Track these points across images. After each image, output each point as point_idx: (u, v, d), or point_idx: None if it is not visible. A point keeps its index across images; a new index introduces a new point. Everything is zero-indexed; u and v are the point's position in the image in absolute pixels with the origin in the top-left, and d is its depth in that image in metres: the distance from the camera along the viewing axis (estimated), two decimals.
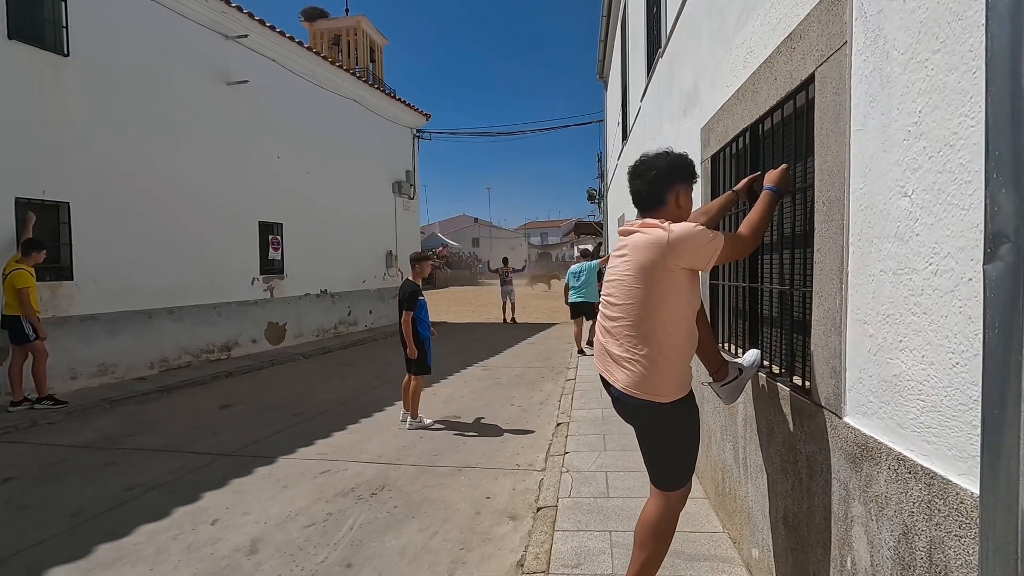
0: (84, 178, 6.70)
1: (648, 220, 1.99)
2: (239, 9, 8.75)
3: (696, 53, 3.48)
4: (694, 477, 3.42)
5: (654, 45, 5.26)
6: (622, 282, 1.98)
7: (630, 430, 2.27)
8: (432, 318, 5.66)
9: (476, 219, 58.68)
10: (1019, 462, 0.88)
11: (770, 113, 2.21)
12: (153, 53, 7.62)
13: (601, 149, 17.91)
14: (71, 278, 6.56)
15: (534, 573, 2.60)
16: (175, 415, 5.92)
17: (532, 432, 5.11)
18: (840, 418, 1.59)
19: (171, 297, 7.90)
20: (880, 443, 1.38)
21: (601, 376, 2.17)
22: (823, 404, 1.70)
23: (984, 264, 0.93)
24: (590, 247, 16.08)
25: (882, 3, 1.39)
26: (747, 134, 2.50)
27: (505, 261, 15.55)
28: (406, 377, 5.24)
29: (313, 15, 32.01)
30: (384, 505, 3.58)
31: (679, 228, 1.88)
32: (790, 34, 1.93)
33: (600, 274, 8.21)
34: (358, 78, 12.62)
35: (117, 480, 4.08)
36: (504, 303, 14.57)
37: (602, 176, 18.76)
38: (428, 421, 5.31)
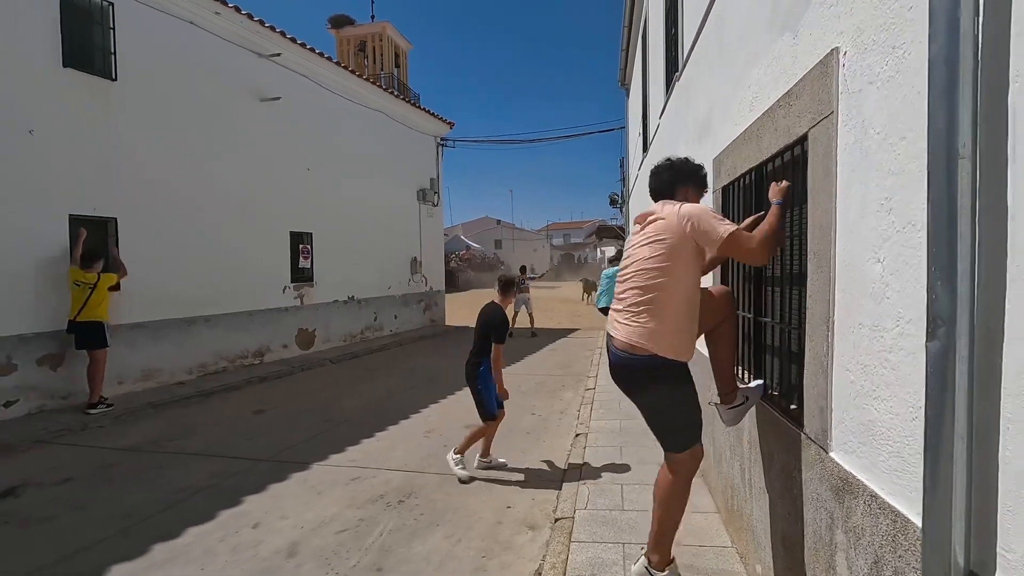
0: (130, 194, 7.11)
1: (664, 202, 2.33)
2: (272, 29, 9.13)
3: (709, 84, 3.62)
4: (709, 495, 3.57)
5: (672, 66, 5.39)
6: (635, 256, 2.29)
7: (646, 442, 2.49)
8: (454, 322, 5.85)
9: (499, 221, 58.98)
10: (950, 512, 1.05)
11: (773, 158, 2.35)
12: (192, 73, 8.03)
13: (623, 154, 17.96)
14: (118, 288, 6.97)
15: None
16: (214, 420, 6.26)
17: (551, 443, 5.29)
18: (827, 452, 1.75)
19: (209, 305, 8.30)
20: (858, 479, 1.54)
21: (607, 345, 2.40)
22: (813, 438, 1.86)
23: (926, 341, 1.09)
24: (614, 252, 16.10)
25: (862, 83, 1.54)
26: (753, 173, 2.65)
27: (523, 269, 15.13)
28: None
29: (339, 22, 32.72)
30: (411, 512, 3.81)
31: (690, 204, 2.26)
32: (788, 91, 2.08)
33: None
34: (384, 89, 12.96)
35: (164, 483, 4.39)
36: (516, 313, 13.03)
37: (624, 180, 18.82)
38: (463, 472, 4.36)
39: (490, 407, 4.34)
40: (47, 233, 6.29)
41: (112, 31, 6.92)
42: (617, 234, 24.65)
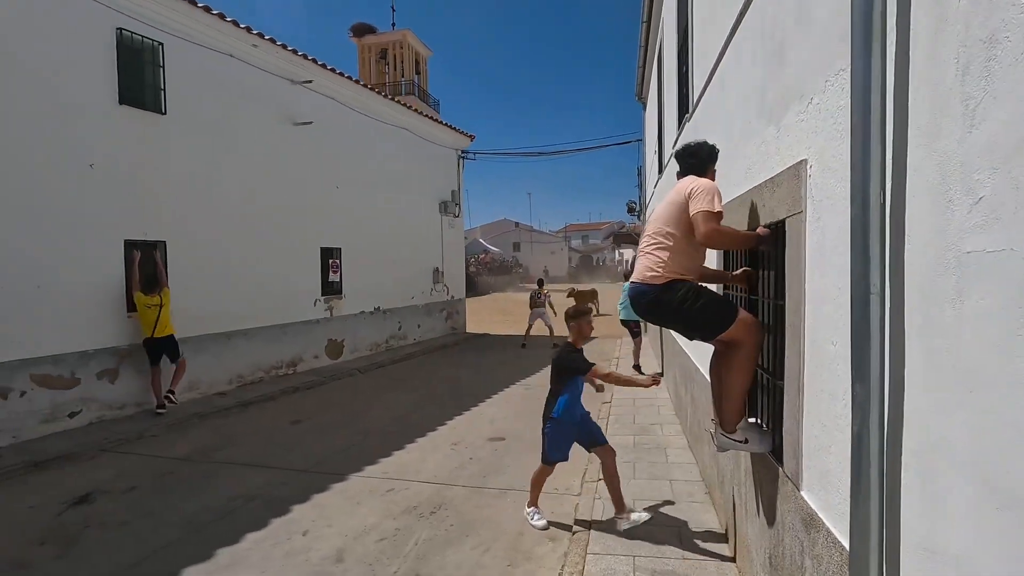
0: (176, 218, 7.66)
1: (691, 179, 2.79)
2: (304, 56, 9.66)
3: (714, 137, 3.97)
4: (714, 511, 3.91)
5: (684, 104, 5.73)
6: (654, 216, 2.83)
7: (658, 459, 2.87)
8: (474, 328, 6.18)
9: (517, 223, 59.46)
10: (867, 552, 1.42)
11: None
12: (232, 103, 8.58)
13: (640, 163, 18.21)
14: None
15: None
16: (254, 430, 6.76)
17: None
18: (799, 490, 2.10)
19: (245, 319, 8.85)
20: (818, 516, 1.90)
21: (633, 290, 2.85)
22: (789, 476, 2.22)
23: (851, 423, 1.46)
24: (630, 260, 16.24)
25: (822, 195, 1.90)
26: None
27: (540, 283, 14.24)
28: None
29: (361, 31, 33.48)
30: (443, 523, 4.23)
31: (706, 180, 2.73)
32: (772, 178, 2.43)
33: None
34: (407, 106, 13.44)
35: (219, 492, 4.87)
36: (531, 325, 13.15)
37: (641, 187, 19.07)
38: (540, 523, 4.11)
39: (551, 453, 4.03)
40: (105, 257, 6.86)
41: (162, 69, 7.48)
42: (634, 240, 24.92)
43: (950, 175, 1.16)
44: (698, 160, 2.91)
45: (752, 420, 2.88)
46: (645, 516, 3.89)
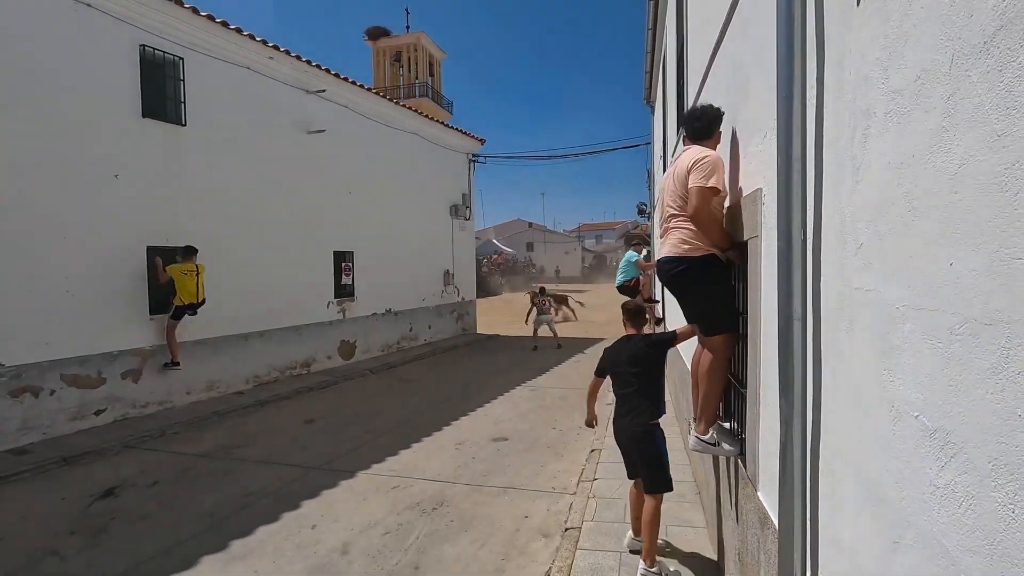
0: (196, 225, 8.00)
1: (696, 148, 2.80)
2: (318, 67, 9.97)
3: None
4: (701, 511, 4.08)
5: (681, 114, 5.89)
6: (670, 191, 2.81)
7: None
8: (485, 329, 6.23)
9: (530, 224, 59.61)
10: (792, 542, 1.61)
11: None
12: (249, 113, 8.91)
13: (648, 166, 18.29)
14: (195, 313, 7.87)
15: None
16: (270, 429, 7.07)
17: (569, 457, 5.87)
18: (756, 491, 2.29)
19: (261, 321, 9.18)
20: (769, 516, 2.08)
21: (664, 262, 2.88)
22: (750, 478, 2.40)
23: (780, 436, 1.65)
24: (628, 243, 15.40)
25: (772, 221, 2.08)
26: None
27: (542, 291, 13.88)
28: (636, 492, 3.58)
29: (376, 34, 33.91)
30: (443, 519, 4.46)
31: (711, 153, 2.69)
32: (740, 200, 2.61)
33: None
34: (419, 112, 13.71)
35: (235, 487, 5.16)
36: (535, 331, 13.30)
37: (650, 189, 19.14)
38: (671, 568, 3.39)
39: (667, 477, 3.34)
40: (129, 263, 7.22)
41: (183, 82, 7.83)
42: (644, 240, 24.93)
43: (846, 222, 1.36)
44: (704, 123, 2.87)
45: (726, 425, 3.06)
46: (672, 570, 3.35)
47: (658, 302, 9.57)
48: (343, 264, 11.14)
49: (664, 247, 2.90)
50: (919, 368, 1.01)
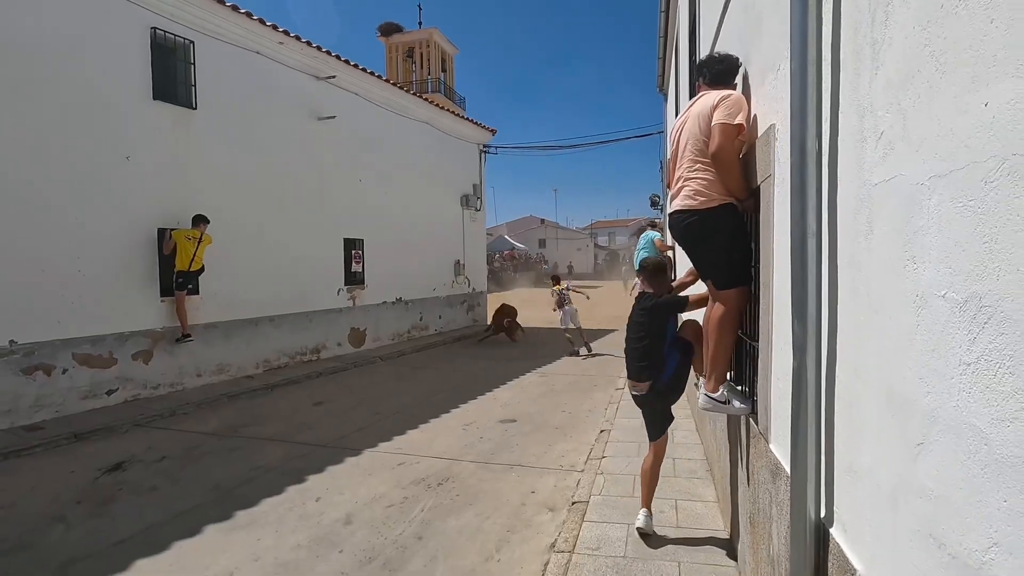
0: (206, 208, 7.99)
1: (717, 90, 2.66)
2: (328, 53, 9.96)
3: None
4: (713, 487, 3.97)
5: (693, 88, 5.75)
6: (689, 135, 2.66)
7: None
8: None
9: (543, 220, 59.43)
10: (805, 484, 1.51)
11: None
12: (259, 98, 8.92)
13: (662, 156, 18.08)
14: (197, 293, 7.90)
15: (562, 552, 3.30)
16: (279, 410, 7.07)
17: (578, 437, 5.77)
18: (768, 443, 2.19)
19: (272, 307, 9.20)
20: (781, 465, 1.98)
21: (675, 218, 2.76)
22: (761, 432, 2.30)
23: (792, 362, 1.55)
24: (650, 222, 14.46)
25: (784, 155, 1.97)
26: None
27: (556, 279, 11.69)
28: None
29: (389, 30, 34.00)
30: (448, 493, 4.40)
31: (734, 92, 2.59)
32: (758, 139, 2.49)
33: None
34: (429, 101, 13.67)
35: (242, 463, 5.15)
36: (577, 328, 11.05)
37: (663, 179, 18.96)
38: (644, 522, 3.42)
39: (680, 355, 3.32)
40: (140, 244, 7.26)
41: (193, 66, 7.85)
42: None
43: (865, 115, 1.25)
44: (725, 67, 2.76)
45: (739, 389, 2.95)
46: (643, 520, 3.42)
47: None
48: (353, 252, 11.13)
49: (676, 200, 2.77)
50: (947, 241, 0.91)
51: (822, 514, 1.53)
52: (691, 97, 5.71)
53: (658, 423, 3.47)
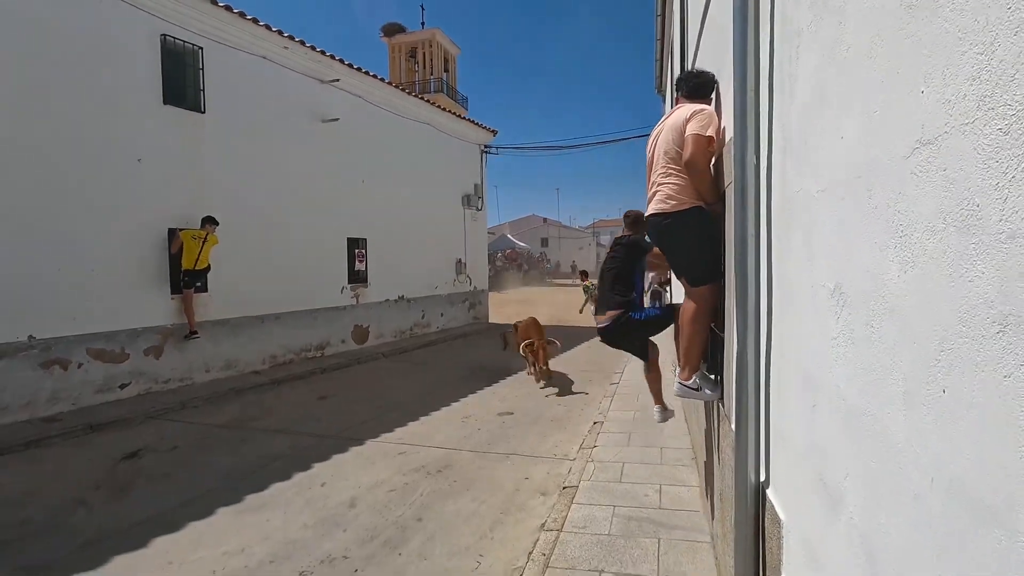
0: (214, 209, 8.25)
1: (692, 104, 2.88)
2: (332, 57, 10.21)
3: None
4: (697, 473, 4.19)
5: None
6: (663, 143, 2.87)
7: (652, 431, 3.24)
8: (498, 320, 6.40)
9: (545, 219, 59.61)
10: (746, 446, 1.74)
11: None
12: (265, 101, 9.18)
13: None
14: (206, 290, 8.17)
15: (551, 530, 3.54)
16: (285, 404, 7.33)
17: (572, 429, 6.01)
18: (730, 424, 2.41)
19: (277, 304, 9.46)
20: (732, 434, 2.21)
21: (651, 224, 3.00)
22: (726, 414, 2.53)
23: (736, 347, 1.78)
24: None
25: (739, 170, 2.20)
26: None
27: (584, 275, 15.84)
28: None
29: (391, 31, 34.23)
30: (447, 480, 4.64)
31: (708, 107, 2.81)
32: (724, 147, 2.73)
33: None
34: (431, 103, 13.92)
35: (251, 452, 5.40)
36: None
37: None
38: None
39: (661, 312, 3.82)
40: (150, 243, 7.53)
41: (202, 71, 8.11)
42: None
43: (787, 134, 1.48)
44: (702, 81, 2.94)
45: (712, 377, 3.18)
46: (671, 414, 4.00)
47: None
48: (356, 251, 11.39)
49: (651, 204, 2.99)
50: (826, 241, 1.14)
51: (762, 478, 1.76)
52: (671, 108, 5.93)
53: (639, 349, 3.92)
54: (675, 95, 3.17)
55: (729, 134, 2.38)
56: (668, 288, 9.30)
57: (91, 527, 3.88)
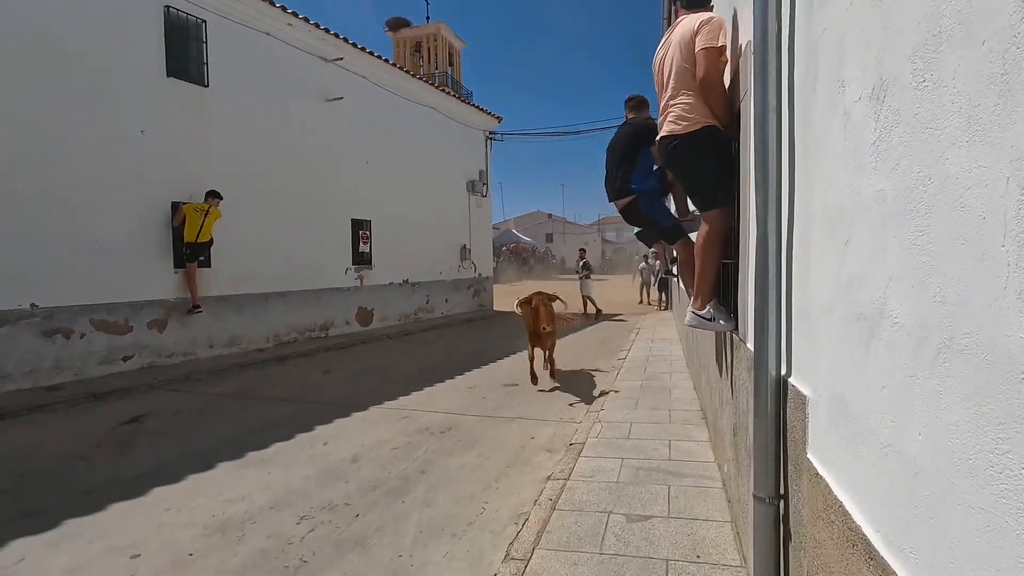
0: (217, 183, 8.19)
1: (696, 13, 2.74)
2: (336, 35, 10.14)
3: None
4: (706, 430, 4.09)
5: None
6: (671, 62, 2.75)
7: (660, 396, 3.07)
8: (501, 308, 6.24)
9: (550, 215, 59.46)
10: (766, 345, 1.65)
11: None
12: (268, 78, 9.12)
13: None
14: (209, 265, 8.12)
15: (558, 480, 3.45)
16: (289, 377, 7.27)
17: (578, 397, 5.92)
18: (745, 344, 2.32)
19: (281, 283, 9.40)
20: (749, 350, 2.12)
21: (662, 144, 2.88)
22: (741, 338, 2.43)
23: (755, 235, 1.69)
24: None
25: (757, 77, 2.11)
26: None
27: (582, 252, 15.62)
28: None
29: (396, 25, 34.11)
30: (451, 439, 4.56)
31: (715, 16, 2.67)
32: (740, 60, 2.62)
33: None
34: (435, 87, 13.84)
35: (254, 417, 5.34)
36: (586, 300, 14.33)
37: None
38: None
39: (666, 219, 3.73)
40: (154, 217, 7.48)
41: (205, 44, 8.05)
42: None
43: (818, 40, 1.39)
44: None
45: (723, 309, 3.08)
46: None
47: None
48: (360, 232, 11.32)
49: (663, 127, 2.88)
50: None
51: (783, 371, 1.67)
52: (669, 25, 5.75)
53: (668, 234, 3.66)
54: (674, 6, 3.06)
55: (746, 39, 2.28)
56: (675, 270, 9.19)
57: (91, 479, 3.83)
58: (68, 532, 3.08)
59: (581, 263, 14.86)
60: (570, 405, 5.55)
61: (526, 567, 2.47)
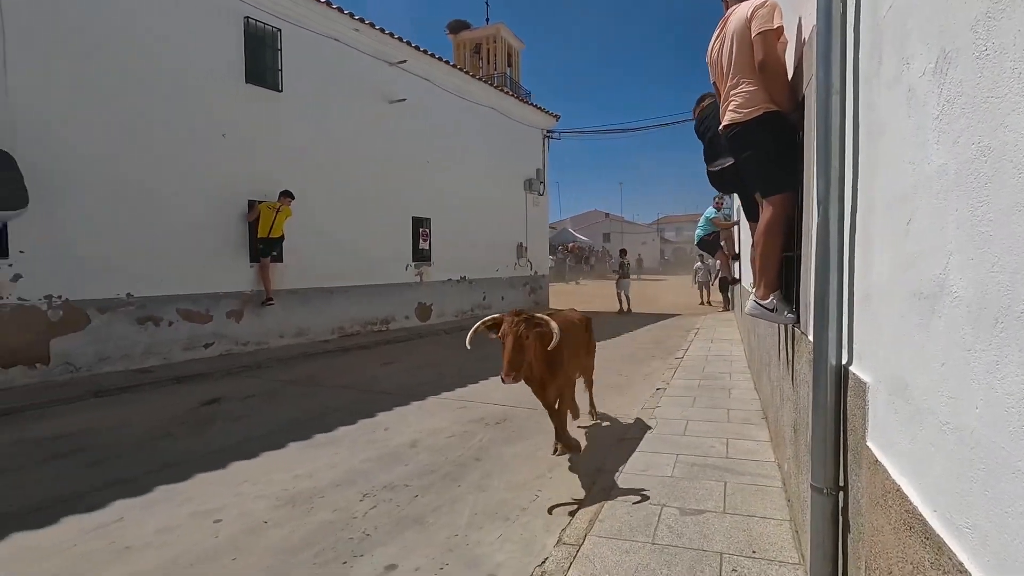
0: (288, 182, 8.68)
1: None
2: (399, 39, 10.49)
3: None
4: (767, 430, 3.98)
5: None
6: (729, 53, 2.71)
7: (719, 395, 3.04)
8: (557, 305, 6.19)
9: (607, 214, 58.75)
10: (826, 333, 1.62)
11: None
12: (336, 82, 9.57)
13: None
14: (281, 260, 8.61)
15: (610, 472, 3.47)
16: (351, 367, 7.60)
17: (632, 395, 5.87)
18: (807, 336, 2.26)
19: (345, 278, 9.83)
20: (811, 342, 2.06)
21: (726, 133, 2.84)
22: (803, 331, 2.37)
23: (816, 220, 1.66)
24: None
25: (820, 60, 2.05)
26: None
27: (623, 252, 16.91)
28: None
29: (457, 28, 34.77)
30: (505, 430, 4.66)
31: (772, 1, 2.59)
32: (804, 48, 2.55)
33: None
34: (494, 87, 14.01)
35: (319, 403, 5.64)
36: (619, 296, 15.71)
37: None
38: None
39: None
40: (232, 213, 8.02)
41: (280, 52, 8.55)
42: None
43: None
44: None
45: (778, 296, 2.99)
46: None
47: (736, 265, 9.30)
48: (420, 230, 11.65)
49: (725, 116, 2.83)
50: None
51: (844, 360, 1.63)
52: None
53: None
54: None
55: (812, 22, 2.23)
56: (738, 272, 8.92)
57: (175, 453, 4.18)
58: (157, 498, 3.38)
59: (619, 263, 16.26)
60: (621, 403, 5.52)
61: (578, 551, 2.51)
